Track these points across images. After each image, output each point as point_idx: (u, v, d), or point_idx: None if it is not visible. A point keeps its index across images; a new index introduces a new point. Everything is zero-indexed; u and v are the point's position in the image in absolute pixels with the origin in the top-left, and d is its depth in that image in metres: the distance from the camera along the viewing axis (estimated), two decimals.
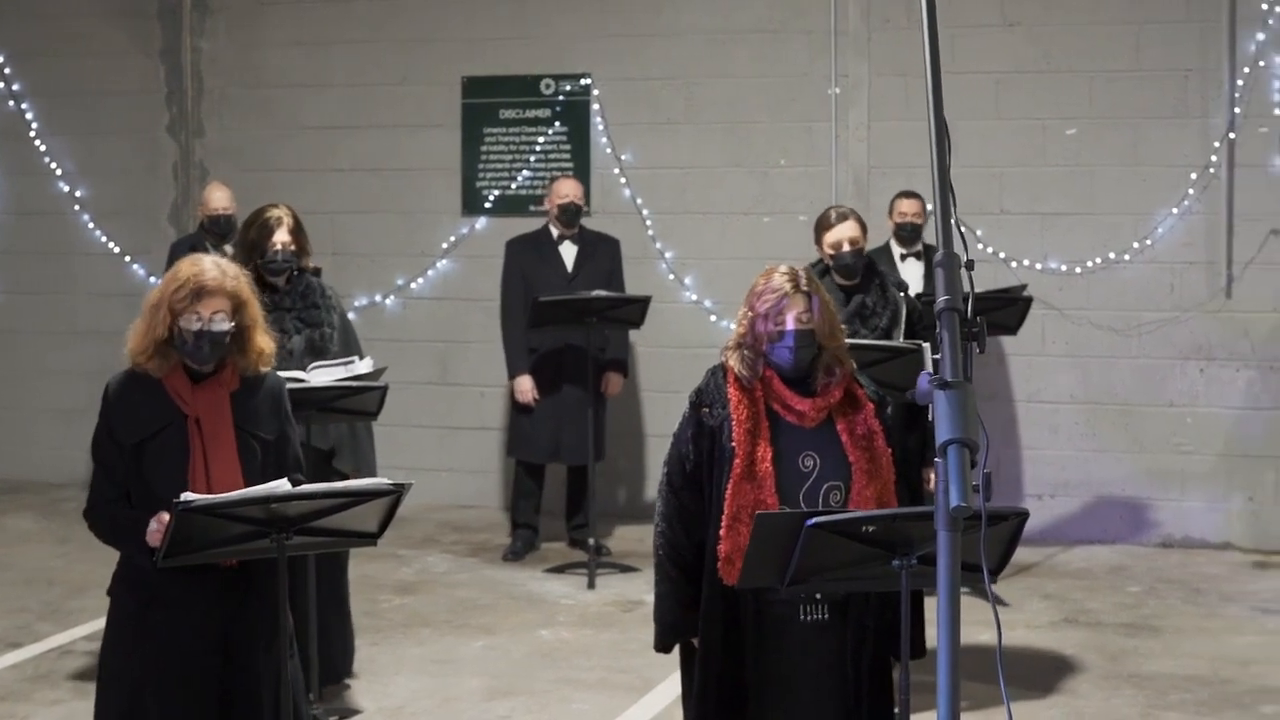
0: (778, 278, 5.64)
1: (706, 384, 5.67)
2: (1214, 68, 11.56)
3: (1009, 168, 11.88)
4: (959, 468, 3.22)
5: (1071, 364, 11.84)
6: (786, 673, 5.62)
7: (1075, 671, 8.85)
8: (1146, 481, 11.74)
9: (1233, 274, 11.55)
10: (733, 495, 5.47)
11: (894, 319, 7.97)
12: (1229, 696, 8.42)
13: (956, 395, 3.27)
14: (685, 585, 5.67)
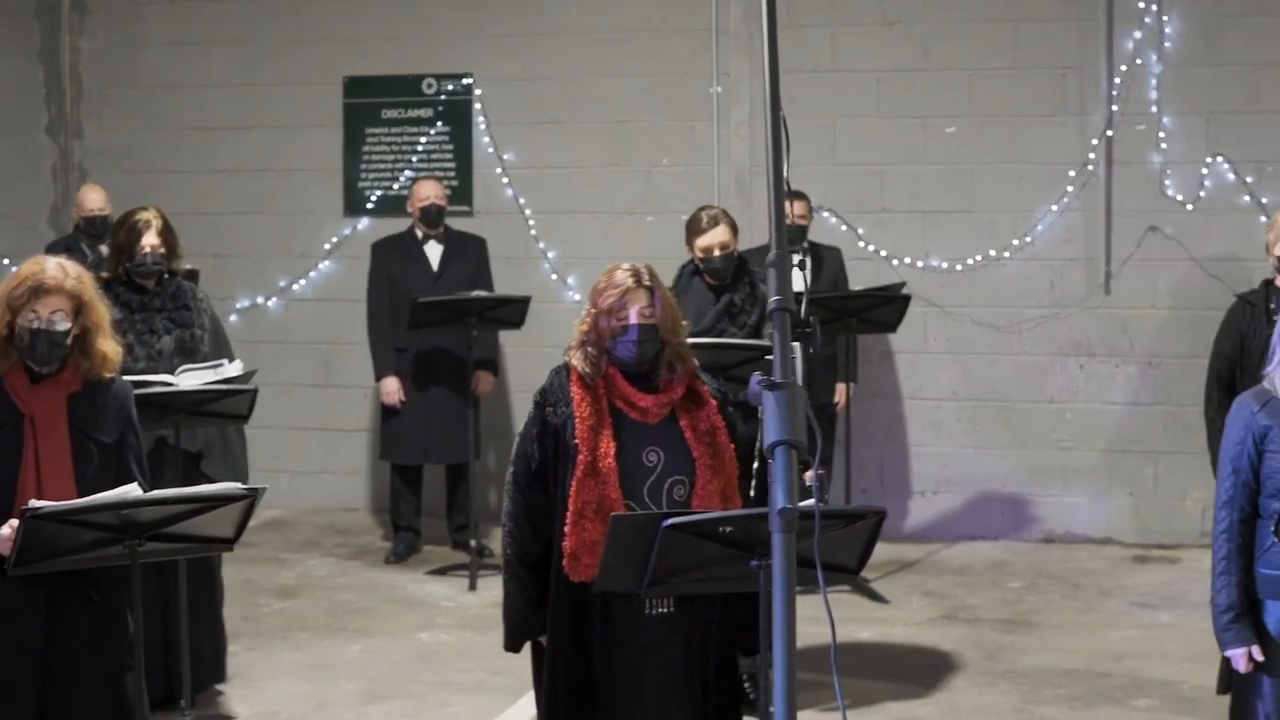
0: (620, 274, 5.70)
1: (550, 383, 5.70)
2: (1092, 66, 11.63)
3: (890, 166, 11.91)
4: (786, 470, 3.19)
5: (953, 361, 11.88)
6: (634, 667, 5.65)
7: (953, 668, 8.87)
8: (1028, 477, 11.80)
9: (1111, 271, 11.63)
10: (577, 492, 5.51)
11: (763, 317, 7.95)
12: (1103, 691, 8.46)
13: (785, 396, 3.25)
14: (533, 584, 5.70)
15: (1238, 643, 5.67)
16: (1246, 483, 5.62)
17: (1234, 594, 5.66)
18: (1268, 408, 5.63)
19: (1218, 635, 5.74)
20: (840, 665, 8.95)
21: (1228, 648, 5.72)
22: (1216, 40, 11.50)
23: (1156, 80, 11.55)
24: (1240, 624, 5.66)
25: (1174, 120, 11.54)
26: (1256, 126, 11.43)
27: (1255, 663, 5.68)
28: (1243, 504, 5.64)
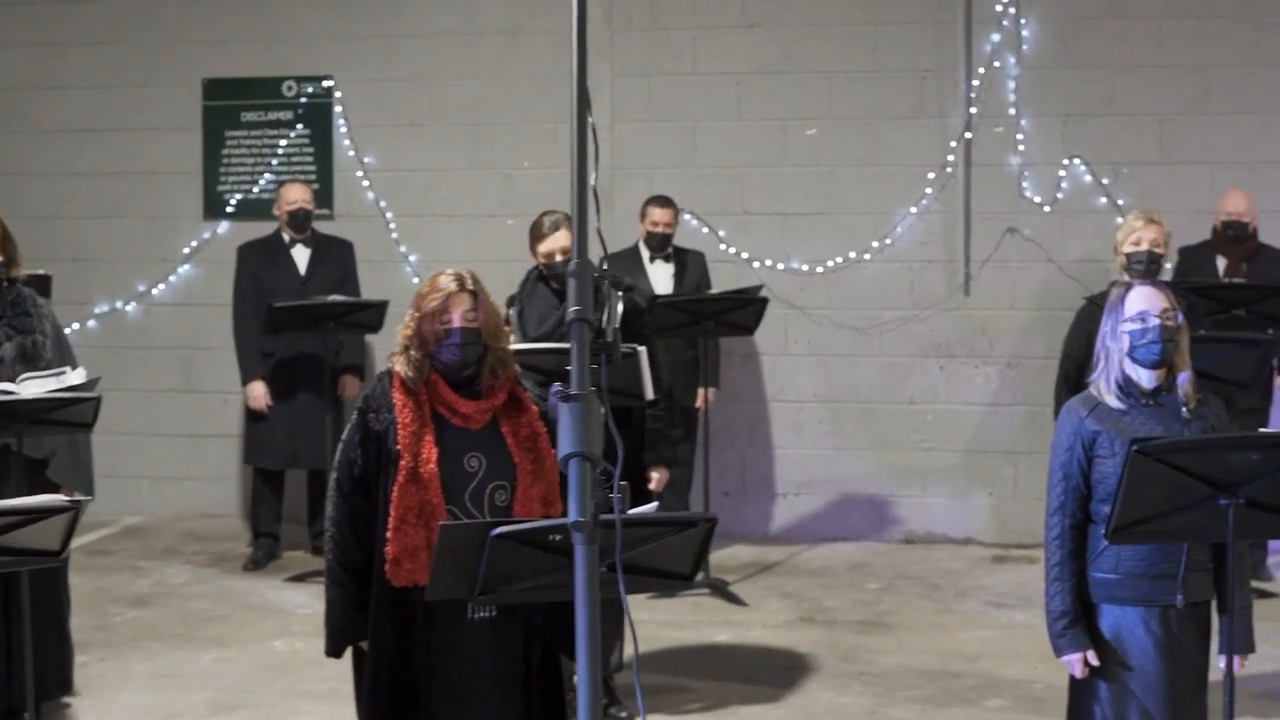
0: (443, 279, 5.69)
1: (373, 390, 5.70)
2: (950, 68, 11.70)
3: (750, 168, 11.93)
4: (579, 481, 3.16)
5: (814, 363, 11.92)
6: (457, 672, 5.64)
7: (808, 670, 8.88)
8: (889, 479, 11.85)
9: (970, 272, 11.70)
10: (399, 498, 5.49)
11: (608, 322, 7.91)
12: (956, 691, 8.50)
13: (579, 408, 3.22)
14: (355, 589, 5.68)
15: (1073, 648, 5.71)
16: (1077, 488, 5.67)
17: (1068, 600, 5.70)
18: (1095, 413, 5.68)
19: (1053, 641, 5.78)
20: (695, 668, 9.02)
21: (1063, 653, 5.76)
22: (1073, 43, 11.60)
23: (1014, 83, 11.64)
24: (1074, 629, 5.70)
25: (1032, 122, 11.63)
26: (1113, 128, 11.54)
27: (1091, 667, 5.71)
28: (1074, 510, 5.68)
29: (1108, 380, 5.70)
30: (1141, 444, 5.10)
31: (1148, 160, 11.53)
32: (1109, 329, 5.72)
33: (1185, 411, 5.66)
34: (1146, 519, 5.23)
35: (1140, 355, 5.65)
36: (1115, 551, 5.61)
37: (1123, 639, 5.69)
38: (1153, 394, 5.68)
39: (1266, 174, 11.37)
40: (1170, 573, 5.58)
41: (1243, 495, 5.14)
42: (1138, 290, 5.74)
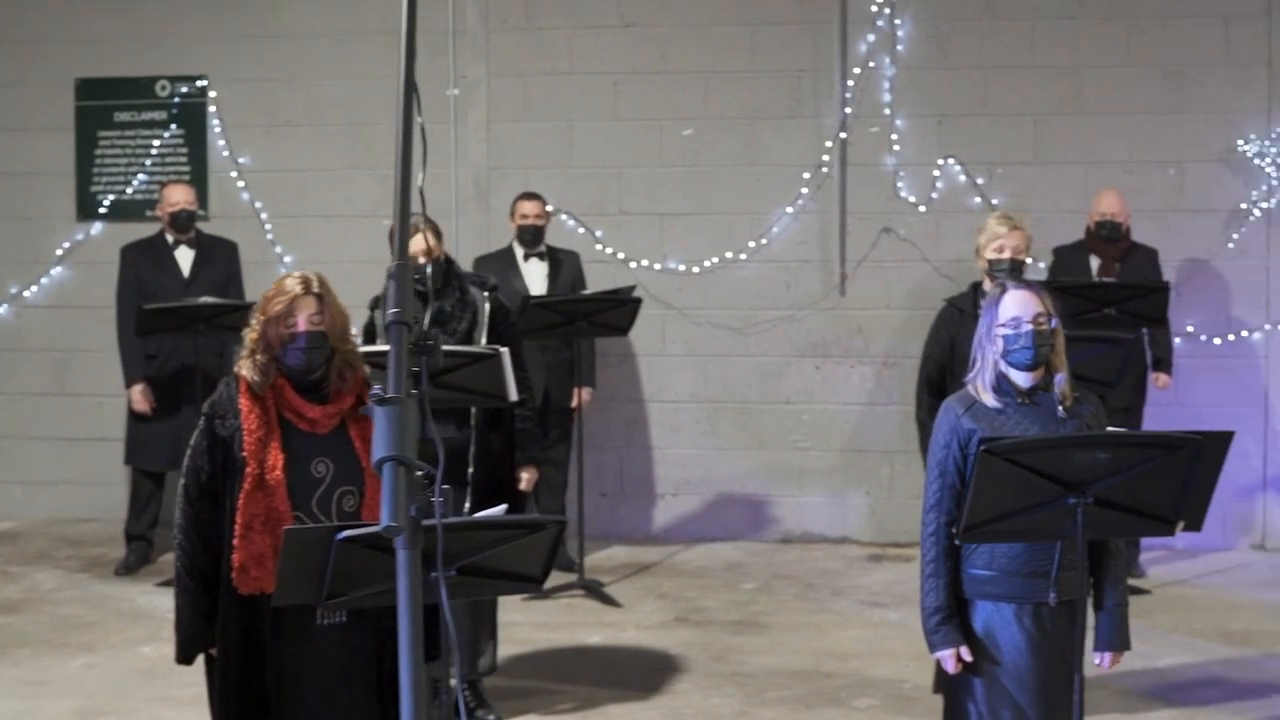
0: (289, 281, 5.64)
1: (220, 395, 5.64)
2: (826, 68, 11.73)
3: (627, 168, 11.92)
4: (392, 486, 3.13)
5: (691, 363, 11.92)
6: (307, 677, 5.60)
7: (679, 671, 8.87)
8: (766, 478, 11.86)
9: (846, 272, 11.74)
10: (245, 504, 5.45)
11: (474, 322, 7.88)
12: (826, 691, 8.50)
13: (394, 412, 3.18)
14: (203, 596, 5.64)
15: (946, 644, 5.72)
16: (953, 486, 5.67)
17: (942, 596, 5.71)
18: (971, 411, 5.69)
19: (927, 637, 5.80)
20: (567, 671, 8.99)
21: (936, 649, 5.77)
22: (948, 44, 11.65)
23: (890, 83, 11.68)
24: (948, 625, 5.71)
25: (907, 123, 11.67)
26: (987, 128, 11.61)
27: (965, 663, 5.72)
28: (950, 507, 5.68)
29: (984, 380, 5.71)
30: (990, 443, 5.11)
31: (1021, 160, 11.60)
32: (985, 330, 5.74)
33: (1061, 410, 5.68)
34: (997, 518, 5.24)
35: (1014, 359, 5.67)
36: (989, 549, 5.64)
37: (996, 635, 5.70)
38: (1029, 393, 5.70)
39: (1139, 174, 11.47)
40: (1043, 570, 5.60)
41: (1091, 494, 5.16)
42: (1012, 294, 5.76)
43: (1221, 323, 11.53)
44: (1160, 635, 9.46)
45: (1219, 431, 6.19)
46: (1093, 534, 5.36)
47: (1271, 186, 11.40)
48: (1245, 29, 11.45)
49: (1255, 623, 9.75)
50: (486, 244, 11.64)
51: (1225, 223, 11.49)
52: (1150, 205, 11.40)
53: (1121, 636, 5.80)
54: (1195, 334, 11.50)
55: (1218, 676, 8.76)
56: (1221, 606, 10.13)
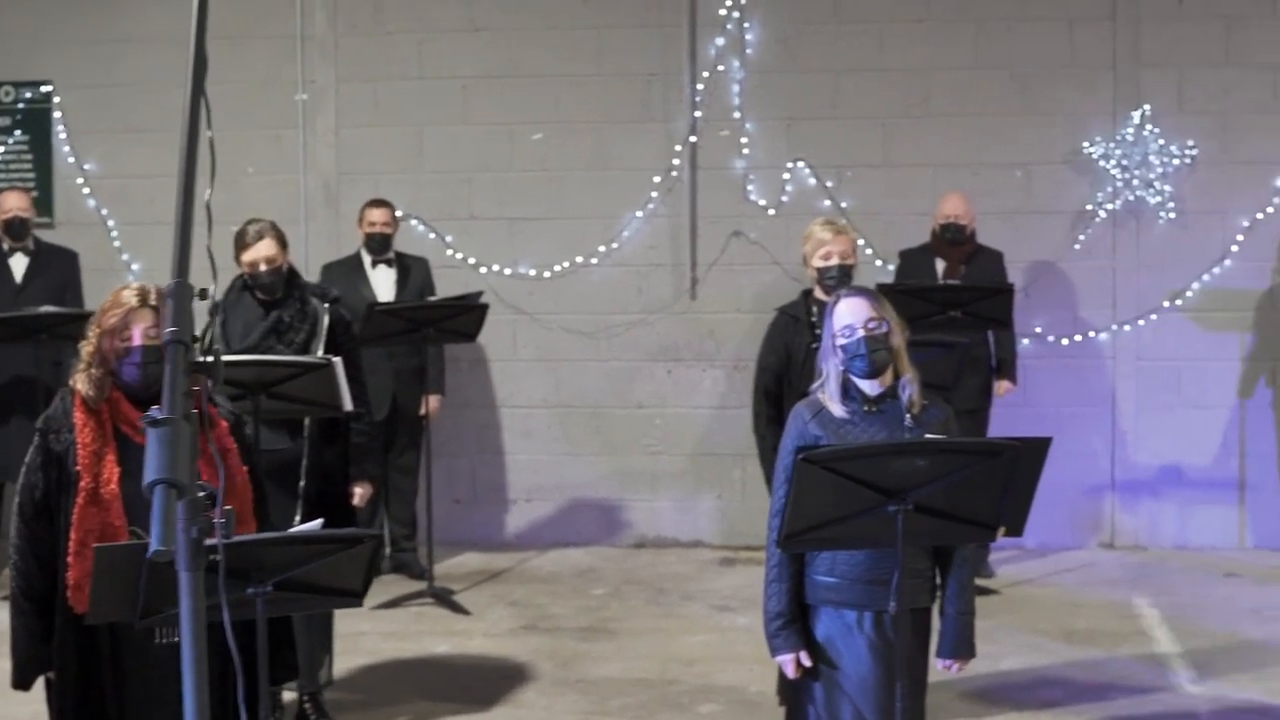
0: (125, 293, 5.52)
1: (54, 410, 5.51)
2: (675, 72, 11.73)
3: (477, 172, 11.87)
4: (162, 510, 3.06)
5: (543, 368, 11.88)
6: (147, 699, 5.47)
7: (525, 679, 8.81)
8: (618, 483, 11.85)
9: (697, 276, 11.75)
10: (79, 520, 5.31)
11: (313, 333, 7.80)
12: (669, 698, 8.48)
13: (166, 433, 3.11)
14: (38, 618, 5.49)
15: (786, 649, 5.73)
16: None
17: (784, 601, 5.71)
18: (819, 418, 5.68)
19: (768, 642, 5.80)
20: (411, 680, 8.89)
21: (777, 654, 5.77)
22: (796, 47, 11.68)
23: (739, 86, 11.69)
24: (789, 630, 5.71)
25: (756, 126, 11.69)
26: (836, 132, 11.65)
27: (806, 668, 5.72)
28: None
29: (830, 390, 5.70)
30: (807, 452, 5.10)
31: (870, 163, 11.65)
32: (828, 341, 5.74)
33: (908, 418, 5.68)
34: (817, 526, 5.22)
35: (854, 368, 5.67)
36: (831, 555, 5.64)
37: (837, 642, 5.70)
38: (876, 401, 5.69)
39: (986, 176, 11.55)
40: (885, 578, 5.57)
41: (910, 501, 5.15)
42: (845, 301, 5.77)
43: (1069, 323, 11.62)
44: (1006, 635, 9.51)
45: (1037, 437, 6.22)
46: (914, 541, 5.36)
47: (1117, 188, 11.51)
48: (1090, 31, 11.55)
49: (1100, 622, 9.82)
50: (336, 250, 11.55)
51: (1072, 224, 11.59)
52: (997, 207, 11.48)
53: (965, 644, 5.82)
54: (1043, 335, 11.60)
55: (1060, 677, 8.81)
56: (1068, 606, 10.20)
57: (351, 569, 5.21)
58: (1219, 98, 11.53)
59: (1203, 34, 11.50)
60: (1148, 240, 11.57)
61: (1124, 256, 11.59)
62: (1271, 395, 11.57)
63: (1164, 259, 11.56)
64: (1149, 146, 11.47)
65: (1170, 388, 11.63)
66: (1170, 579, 10.89)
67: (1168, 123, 11.51)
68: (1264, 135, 11.48)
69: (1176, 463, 11.66)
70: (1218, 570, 11.10)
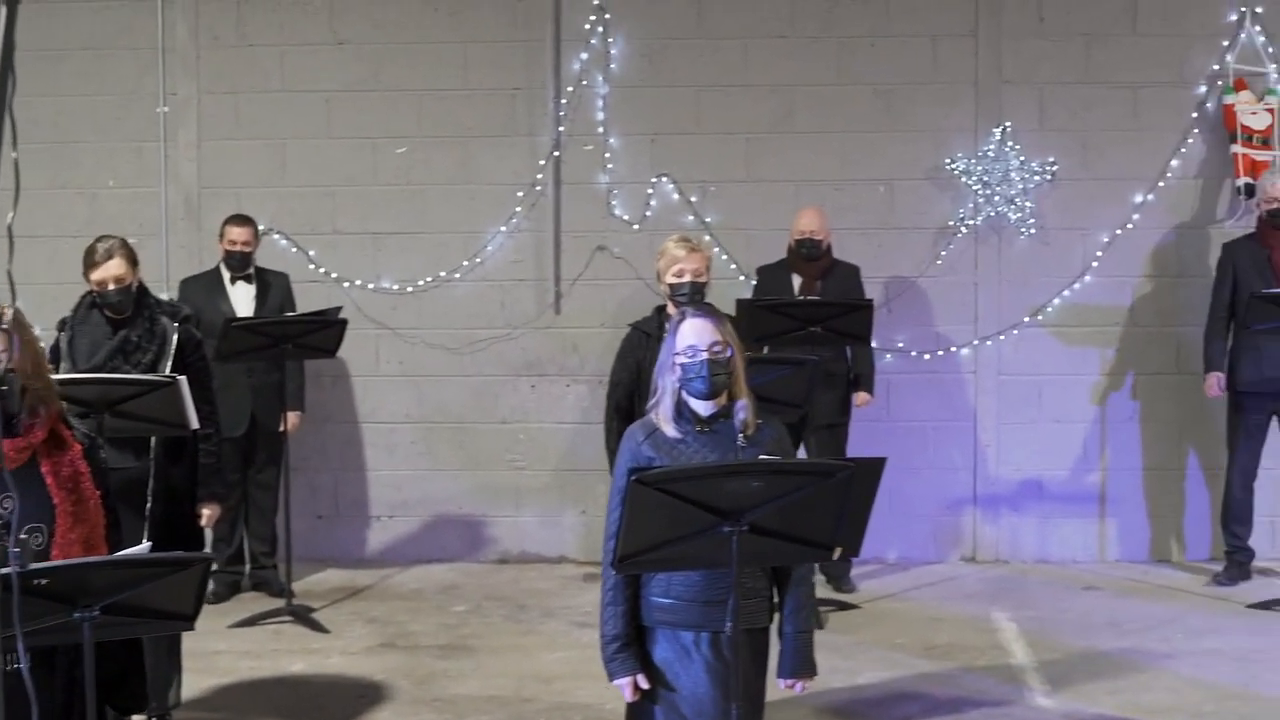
0: None
1: None
2: (539, 86, 11.71)
3: (340, 187, 11.80)
4: None
5: (406, 383, 11.83)
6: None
7: (380, 698, 8.75)
8: (482, 498, 11.81)
9: (561, 290, 11.74)
10: None
11: (160, 352, 7.72)
12: (526, 715, 8.45)
13: None
14: None
15: (623, 672, 5.69)
16: None
17: (620, 624, 5.68)
18: (652, 439, 5.67)
19: (605, 665, 5.75)
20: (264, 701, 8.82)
21: (614, 678, 5.73)
22: (661, 62, 11.69)
23: (603, 101, 11.68)
24: (625, 653, 5.68)
25: (620, 141, 11.69)
26: (700, 147, 11.66)
27: (644, 691, 5.70)
28: None
29: (664, 409, 5.69)
30: (640, 473, 5.07)
31: (734, 178, 11.68)
32: (665, 358, 5.71)
33: (741, 438, 5.67)
34: (652, 547, 5.20)
35: (691, 388, 5.65)
36: (667, 576, 5.62)
37: (675, 664, 5.68)
38: (708, 421, 5.68)
39: (849, 192, 11.61)
40: (721, 599, 5.57)
41: (745, 522, 5.13)
42: (690, 322, 5.73)
43: (931, 338, 11.68)
44: (864, 650, 9.55)
45: (871, 458, 6.24)
46: (750, 562, 5.36)
47: (979, 204, 11.58)
48: (953, 48, 11.62)
49: (959, 636, 9.87)
50: (198, 263, 11.46)
51: (934, 240, 11.65)
52: (860, 223, 11.55)
53: (805, 663, 5.82)
54: (906, 350, 11.65)
55: (917, 691, 8.84)
56: (927, 620, 10.25)
57: (182, 591, 5.13)
58: (1079, 115, 11.63)
59: (1063, 51, 11.60)
60: (1009, 256, 11.65)
61: (986, 272, 11.67)
62: (1131, 409, 11.68)
63: (1025, 274, 11.65)
64: (1010, 163, 11.56)
65: (1031, 402, 11.71)
66: (1030, 592, 10.96)
67: (1029, 139, 11.60)
68: (1123, 152, 11.59)
69: (1038, 476, 11.75)
70: (1078, 583, 11.19)
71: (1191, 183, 11.63)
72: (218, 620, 10.14)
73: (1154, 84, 11.61)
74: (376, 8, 11.77)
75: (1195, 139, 11.59)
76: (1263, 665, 9.20)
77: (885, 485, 11.43)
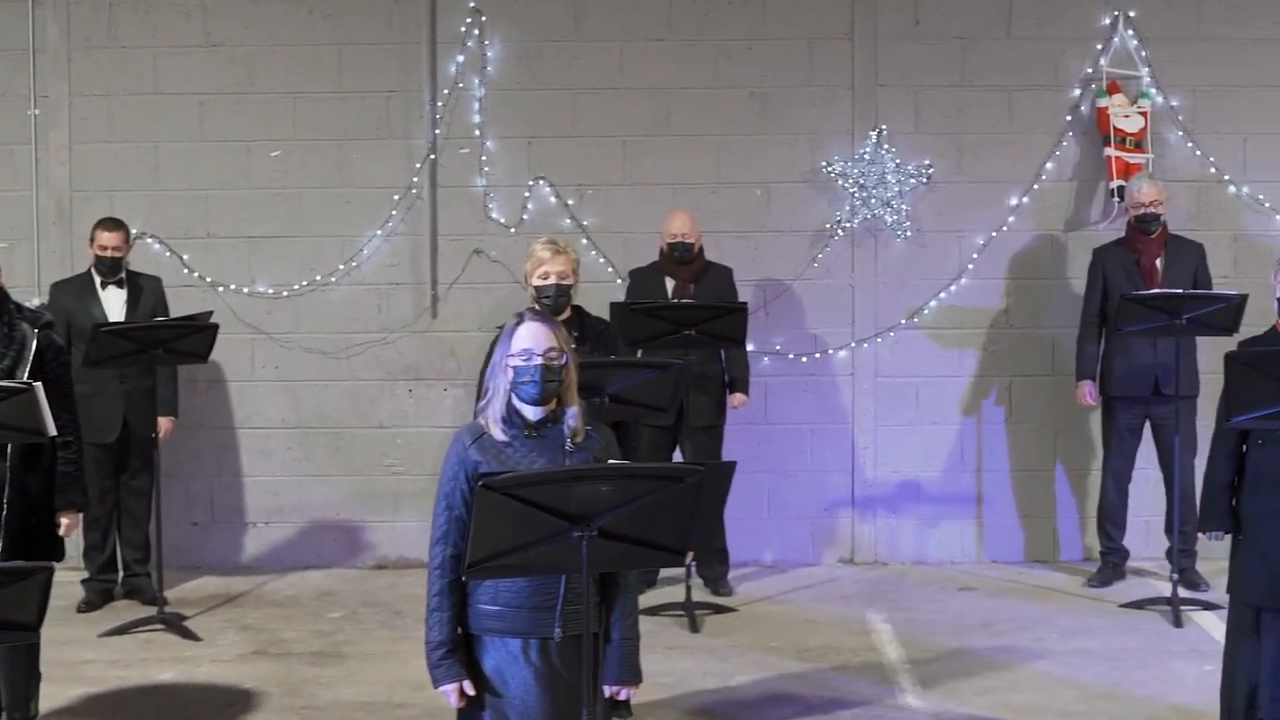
0: None
1: None
2: (415, 89, 11.66)
3: (215, 190, 11.70)
4: None
5: (283, 389, 11.75)
6: None
7: (250, 706, 8.68)
8: (359, 504, 11.75)
9: (438, 294, 11.70)
10: None
11: (19, 358, 7.62)
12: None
13: None
14: None
15: (448, 679, 5.65)
16: (460, 519, 5.61)
17: (445, 630, 5.64)
18: (480, 443, 5.64)
19: (430, 672, 5.70)
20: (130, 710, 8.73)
21: (439, 684, 5.69)
22: (537, 65, 11.67)
23: (479, 104, 11.64)
24: (450, 660, 5.63)
25: (497, 144, 11.66)
26: (576, 150, 11.65)
27: (472, 698, 5.67)
28: (456, 540, 5.61)
29: (494, 412, 5.67)
30: (487, 478, 5.04)
31: (611, 181, 11.67)
32: (498, 360, 5.70)
33: (569, 444, 5.66)
34: (501, 553, 5.16)
35: (522, 392, 5.63)
36: (494, 583, 5.58)
37: (503, 670, 5.65)
38: (537, 426, 5.66)
39: (725, 195, 11.63)
40: (548, 605, 5.56)
41: (595, 527, 5.11)
42: (527, 326, 5.71)
43: (808, 341, 11.71)
44: (739, 653, 9.56)
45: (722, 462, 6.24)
46: (600, 567, 5.34)
47: (855, 207, 11.61)
48: (828, 51, 11.66)
49: (833, 638, 9.90)
50: (70, 268, 11.35)
51: (811, 243, 11.68)
52: (737, 226, 11.58)
53: (629, 669, 5.79)
54: (783, 352, 11.68)
55: (789, 693, 8.86)
56: (803, 622, 10.27)
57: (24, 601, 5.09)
58: (954, 117, 11.70)
59: (938, 55, 11.67)
60: (885, 258, 11.70)
61: (862, 274, 11.71)
62: (1006, 411, 11.75)
63: (901, 277, 11.70)
64: (886, 166, 11.60)
65: (908, 404, 11.76)
66: (906, 594, 11.01)
67: (905, 142, 11.65)
68: (998, 155, 11.67)
69: (915, 478, 11.80)
70: (954, 584, 11.25)
71: (1065, 185, 11.71)
72: (88, 629, 10.06)
73: (1028, 87, 11.70)
74: (250, 10, 11.69)
75: (1069, 142, 11.69)
76: (1133, 664, 9.28)
77: (763, 488, 11.64)
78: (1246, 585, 7.40)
